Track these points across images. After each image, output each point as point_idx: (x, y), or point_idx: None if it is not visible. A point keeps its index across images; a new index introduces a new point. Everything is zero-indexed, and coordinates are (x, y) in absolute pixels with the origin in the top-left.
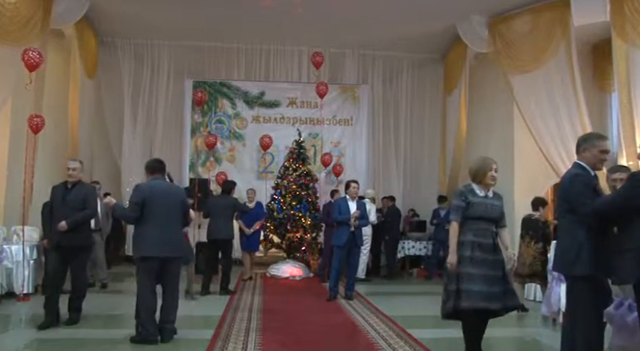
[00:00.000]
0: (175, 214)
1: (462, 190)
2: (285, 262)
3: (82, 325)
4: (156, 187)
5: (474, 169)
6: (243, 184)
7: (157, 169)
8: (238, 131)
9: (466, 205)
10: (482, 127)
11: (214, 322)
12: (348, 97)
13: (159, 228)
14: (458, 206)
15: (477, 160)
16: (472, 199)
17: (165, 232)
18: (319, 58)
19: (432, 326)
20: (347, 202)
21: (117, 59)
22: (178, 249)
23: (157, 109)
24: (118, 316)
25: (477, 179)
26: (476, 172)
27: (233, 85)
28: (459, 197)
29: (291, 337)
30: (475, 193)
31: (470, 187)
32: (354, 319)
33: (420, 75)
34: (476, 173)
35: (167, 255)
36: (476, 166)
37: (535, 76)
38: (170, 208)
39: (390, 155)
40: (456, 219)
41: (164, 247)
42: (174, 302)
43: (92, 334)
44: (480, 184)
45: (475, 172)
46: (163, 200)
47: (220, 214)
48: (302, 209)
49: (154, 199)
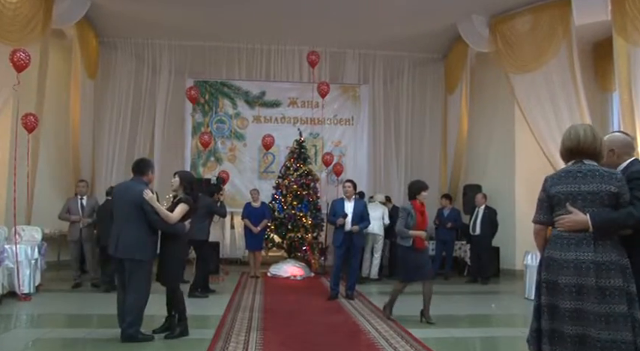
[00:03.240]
0: (128, 215)
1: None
2: (286, 261)
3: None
4: (118, 188)
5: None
6: (244, 183)
7: (134, 169)
8: (239, 131)
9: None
10: (483, 127)
11: (215, 321)
12: (349, 97)
13: (115, 228)
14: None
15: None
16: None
17: (117, 232)
18: (315, 56)
19: (435, 326)
20: (342, 203)
21: (117, 59)
22: (128, 250)
23: (158, 109)
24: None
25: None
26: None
27: (234, 84)
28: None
29: (292, 337)
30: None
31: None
32: (355, 318)
33: (420, 74)
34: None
35: (117, 255)
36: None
37: (536, 76)
38: (123, 210)
39: (391, 155)
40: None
41: (116, 248)
42: (130, 304)
43: (92, 334)
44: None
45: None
46: (118, 202)
47: (195, 214)
48: (303, 209)
49: (114, 200)
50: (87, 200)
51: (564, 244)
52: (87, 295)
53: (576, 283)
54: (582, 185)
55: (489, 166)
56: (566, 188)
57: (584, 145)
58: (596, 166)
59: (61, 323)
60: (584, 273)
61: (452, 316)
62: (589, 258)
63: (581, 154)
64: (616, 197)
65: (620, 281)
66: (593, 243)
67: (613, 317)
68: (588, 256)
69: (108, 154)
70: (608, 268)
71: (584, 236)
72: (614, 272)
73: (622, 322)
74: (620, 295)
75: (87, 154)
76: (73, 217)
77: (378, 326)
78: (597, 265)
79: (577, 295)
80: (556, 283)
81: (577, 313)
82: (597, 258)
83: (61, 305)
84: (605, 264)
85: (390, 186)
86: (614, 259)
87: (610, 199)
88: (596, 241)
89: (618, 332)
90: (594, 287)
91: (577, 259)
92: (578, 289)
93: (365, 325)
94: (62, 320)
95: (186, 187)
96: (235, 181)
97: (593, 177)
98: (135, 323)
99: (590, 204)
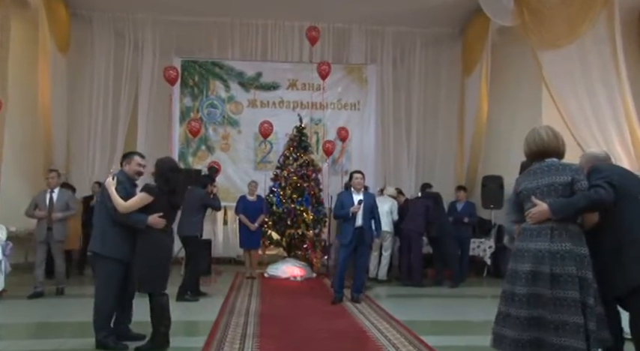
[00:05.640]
0: (98, 208)
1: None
2: (285, 261)
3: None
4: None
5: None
6: (239, 175)
7: (120, 161)
8: (233, 117)
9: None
10: (505, 112)
11: (207, 327)
12: (355, 79)
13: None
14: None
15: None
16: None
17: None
18: (315, 32)
19: (448, 333)
20: (351, 195)
21: (93, 35)
22: (91, 243)
23: (142, 91)
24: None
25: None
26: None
27: (226, 65)
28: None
29: (292, 345)
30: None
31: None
32: (361, 324)
33: (435, 53)
34: None
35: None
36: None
37: (568, 52)
38: (98, 203)
39: (401, 143)
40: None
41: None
42: (94, 306)
43: (64, 345)
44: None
45: None
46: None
47: (185, 208)
48: (304, 203)
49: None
50: (58, 193)
51: (527, 235)
52: (58, 301)
53: (532, 270)
54: (540, 180)
55: (512, 155)
56: (529, 185)
57: (548, 147)
58: (554, 162)
59: (26, 333)
60: (539, 261)
61: (468, 322)
62: (545, 247)
63: (544, 154)
64: (570, 186)
65: (574, 269)
66: (550, 233)
67: (566, 302)
68: (544, 246)
69: (86, 141)
70: (563, 257)
71: (544, 227)
72: (568, 260)
73: (573, 307)
74: (573, 282)
75: (61, 141)
76: (38, 213)
77: (387, 332)
78: (552, 253)
79: (532, 282)
80: (516, 271)
81: (532, 297)
82: (552, 247)
83: (27, 313)
84: (560, 253)
85: (400, 178)
86: (568, 248)
87: (564, 188)
88: (553, 232)
89: (570, 316)
90: (548, 274)
91: (536, 248)
92: (533, 276)
93: (373, 331)
94: (27, 330)
95: (159, 176)
96: (229, 172)
97: (549, 171)
98: (99, 328)
99: (547, 195)
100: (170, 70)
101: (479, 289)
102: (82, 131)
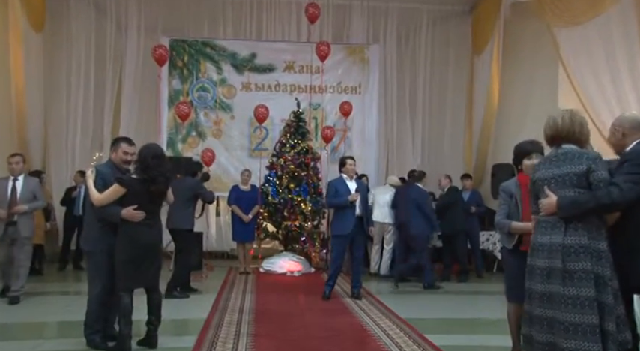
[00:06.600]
0: (87, 204)
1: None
2: (282, 255)
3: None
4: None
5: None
6: (232, 163)
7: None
8: (225, 101)
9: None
10: (518, 94)
11: (198, 326)
12: (356, 60)
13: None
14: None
15: None
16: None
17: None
18: (314, 9)
19: (456, 331)
20: (345, 183)
21: (70, 11)
22: (84, 241)
23: (127, 73)
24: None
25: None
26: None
27: (218, 44)
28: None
29: (288, 344)
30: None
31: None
32: (362, 321)
33: (442, 31)
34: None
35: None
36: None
37: (588, 29)
38: (87, 197)
39: (406, 129)
40: None
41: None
42: (87, 302)
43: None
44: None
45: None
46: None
47: (176, 199)
48: (301, 193)
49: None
50: (23, 182)
51: (542, 228)
52: (39, 300)
53: (547, 266)
54: (555, 169)
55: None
56: (543, 174)
57: (561, 132)
58: (571, 148)
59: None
60: (553, 256)
61: (476, 319)
62: (558, 241)
63: (559, 140)
64: (586, 176)
65: (589, 264)
66: (565, 226)
67: (579, 300)
68: (558, 239)
69: (65, 126)
70: (577, 252)
71: (558, 220)
72: (583, 255)
73: (588, 306)
74: (587, 279)
75: (36, 126)
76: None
77: (389, 330)
78: (565, 248)
79: (547, 278)
80: (533, 267)
81: (546, 296)
82: (566, 241)
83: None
84: (574, 247)
85: (405, 166)
86: (583, 243)
87: (579, 179)
88: (567, 225)
89: (584, 315)
90: (561, 270)
91: (550, 242)
92: (548, 272)
93: (374, 329)
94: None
95: (139, 164)
96: (222, 160)
97: (564, 160)
98: (86, 325)
99: (562, 186)
100: (159, 49)
101: (488, 285)
102: (61, 117)
